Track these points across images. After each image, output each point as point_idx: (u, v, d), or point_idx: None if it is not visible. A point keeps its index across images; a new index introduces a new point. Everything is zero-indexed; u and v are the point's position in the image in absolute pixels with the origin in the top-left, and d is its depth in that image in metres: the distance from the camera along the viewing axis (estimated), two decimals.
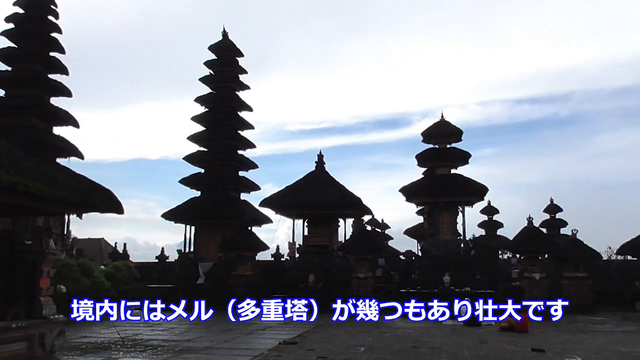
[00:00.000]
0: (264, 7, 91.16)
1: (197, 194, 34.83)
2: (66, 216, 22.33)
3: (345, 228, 32.76)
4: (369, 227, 38.44)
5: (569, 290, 27.91)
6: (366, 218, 36.99)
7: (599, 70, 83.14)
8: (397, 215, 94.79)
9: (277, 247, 36.45)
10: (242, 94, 36.58)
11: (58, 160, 26.43)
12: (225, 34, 36.22)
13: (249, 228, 30.35)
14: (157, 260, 35.19)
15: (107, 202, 10.05)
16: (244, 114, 36.45)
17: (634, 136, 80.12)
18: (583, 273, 28.08)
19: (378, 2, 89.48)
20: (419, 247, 34.47)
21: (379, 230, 41.66)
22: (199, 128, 35.60)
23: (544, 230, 35.11)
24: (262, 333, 17.56)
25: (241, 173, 35.75)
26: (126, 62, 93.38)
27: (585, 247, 28.60)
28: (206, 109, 35.82)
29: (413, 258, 33.69)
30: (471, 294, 22.99)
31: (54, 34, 27.37)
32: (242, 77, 36.71)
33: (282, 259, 34.96)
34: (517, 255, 28.40)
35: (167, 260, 34.95)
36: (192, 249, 33.44)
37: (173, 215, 33.48)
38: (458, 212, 29.13)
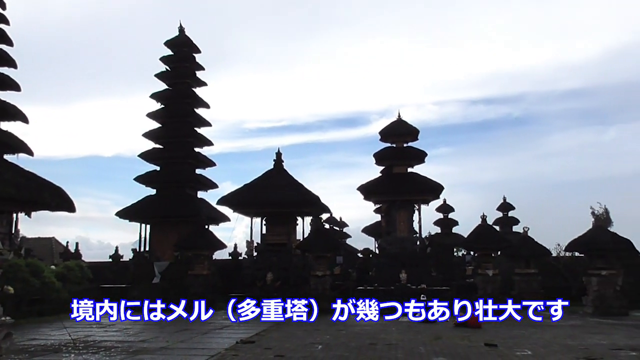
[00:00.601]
0: (221, 2, 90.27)
1: (153, 192, 34.19)
2: (14, 214, 21.58)
3: (303, 226, 32.79)
4: (327, 226, 38.60)
5: (520, 285, 28.72)
6: (324, 216, 37.07)
7: (551, 73, 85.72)
8: (356, 214, 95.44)
9: (235, 245, 36.26)
10: (199, 91, 36.09)
11: (5, 157, 25.46)
12: (181, 29, 35.64)
13: (206, 226, 30.01)
14: (111, 260, 34.40)
15: (58, 200, 9.77)
16: (201, 111, 35.99)
17: (582, 137, 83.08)
18: (533, 269, 28.95)
19: (337, 0, 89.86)
20: (377, 245, 34.84)
21: (338, 229, 41.88)
22: (154, 125, 34.96)
23: (497, 227, 36.02)
24: (219, 332, 17.41)
25: (198, 171, 35.27)
26: (80, 56, 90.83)
27: (536, 244, 29.48)
28: (162, 106, 35.18)
29: (371, 256, 34.00)
30: (426, 291, 23.37)
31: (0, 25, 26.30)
32: (199, 74, 36.22)
33: (240, 258, 34.72)
34: (471, 252, 29.03)
35: (121, 260, 34.19)
36: (147, 248, 32.82)
37: (128, 213, 32.75)
38: (414, 210, 29.54)
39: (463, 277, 29.29)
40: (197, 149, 35.30)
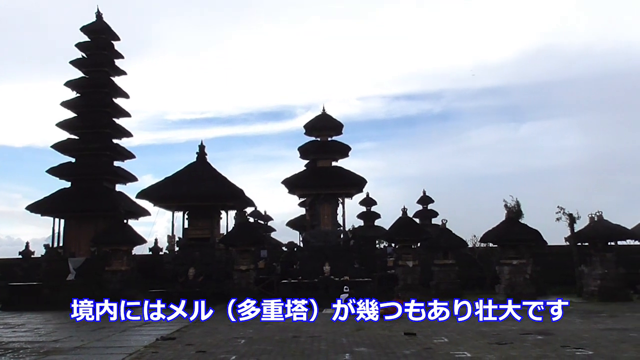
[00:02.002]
0: None
1: (68, 184, 32.54)
2: None
3: (227, 220, 32.44)
4: (251, 219, 38.42)
5: (438, 276, 29.91)
6: (249, 210, 36.84)
7: (469, 71, 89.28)
8: (281, 207, 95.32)
9: (156, 240, 35.33)
10: (118, 80, 34.72)
11: None
12: (99, 14, 34.08)
13: (125, 221, 28.98)
14: (20, 257, 32.54)
15: None
16: (119, 101, 34.63)
17: (497, 133, 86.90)
18: (451, 260, 30.20)
19: None
20: (301, 238, 35.03)
21: (262, 222, 41.74)
22: (69, 114, 33.24)
23: (417, 220, 37.19)
24: (138, 330, 16.88)
25: (116, 163, 33.95)
26: None
27: (454, 236, 30.76)
28: (78, 94, 33.54)
29: (295, 249, 34.15)
30: (349, 283, 23.76)
31: None
32: (118, 62, 34.83)
33: (161, 253, 33.86)
34: (393, 244, 29.77)
35: (32, 256, 32.43)
36: (61, 244, 31.25)
37: (40, 207, 31.00)
38: (338, 204, 29.93)
39: (384, 268, 29.99)
40: (115, 141, 33.96)
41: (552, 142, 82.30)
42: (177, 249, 29.82)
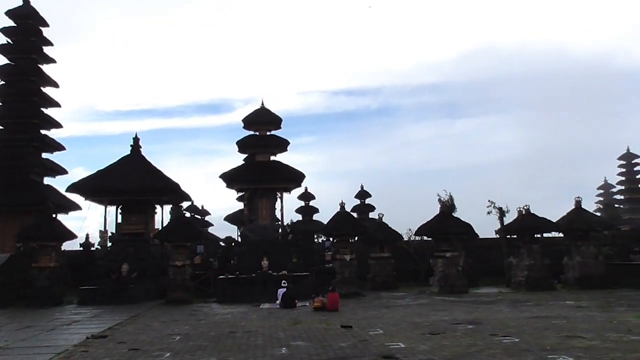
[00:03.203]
0: None
1: None
2: None
3: (162, 215, 31.71)
4: (187, 214, 37.79)
5: (375, 269, 30.43)
6: (185, 204, 36.24)
7: (406, 68, 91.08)
8: (218, 202, 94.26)
9: (87, 235, 34.13)
10: (46, 68, 33.19)
11: None
12: None
13: (54, 215, 27.75)
14: None
15: None
16: (48, 90, 33.12)
17: (433, 129, 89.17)
18: (387, 253, 30.78)
19: None
20: (239, 233, 34.73)
21: (199, 217, 41.13)
22: None
23: (355, 214, 37.68)
24: (67, 328, 16.25)
25: (45, 155, 32.49)
26: None
27: (390, 230, 31.35)
28: (3, 82, 31.82)
29: (233, 244, 33.82)
30: (287, 277, 23.78)
31: None
32: (46, 49, 33.28)
33: (92, 249, 32.74)
34: (331, 239, 30.03)
35: None
36: None
37: None
38: (277, 198, 29.83)
39: (322, 262, 30.24)
40: (43, 131, 32.47)
41: (486, 138, 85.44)
42: (109, 244, 28.90)
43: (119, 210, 29.46)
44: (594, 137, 76.42)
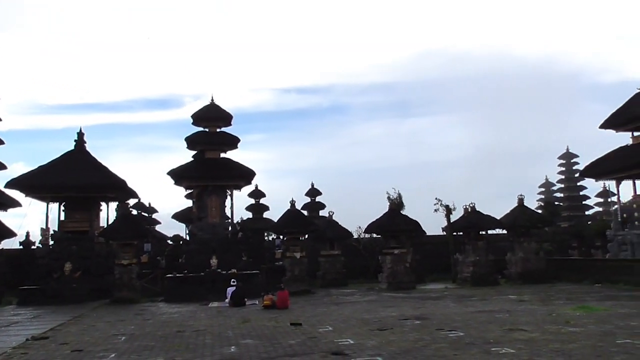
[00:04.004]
0: None
1: None
2: None
3: (108, 212, 30.86)
4: (134, 211, 36.88)
5: (325, 266, 30.62)
6: (132, 202, 35.36)
7: (358, 67, 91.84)
8: (167, 199, 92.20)
9: (28, 233, 32.78)
10: None
11: None
12: None
13: None
14: None
15: None
16: None
17: (382, 128, 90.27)
18: (337, 251, 31.04)
19: None
20: (188, 231, 34.20)
21: (146, 215, 40.21)
22: None
23: (306, 212, 37.72)
24: (5, 330, 15.61)
25: None
26: None
27: (340, 227, 31.63)
28: None
29: (181, 242, 33.29)
30: (237, 275, 23.59)
31: None
32: None
33: (33, 247, 31.51)
34: (281, 236, 30.00)
35: None
36: None
37: None
38: (227, 196, 29.53)
39: (273, 260, 30.16)
40: None
41: (435, 137, 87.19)
42: (51, 242, 27.91)
43: (62, 208, 28.51)
44: (536, 137, 79.24)
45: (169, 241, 37.81)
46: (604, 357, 8.97)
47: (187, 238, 32.51)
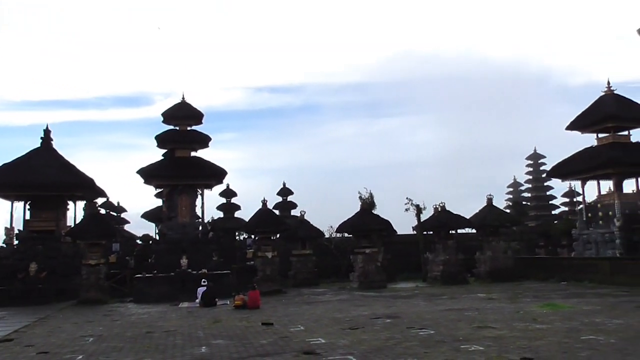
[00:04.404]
0: None
1: None
2: None
3: (75, 211, 30.26)
4: (102, 211, 36.25)
5: (296, 266, 30.59)
6: (100, 201, 34.76)
7: (330, 67, 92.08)
8: (136, 198, 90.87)
9: None
10: None
11: None
12: None
13: None
14: None
15: None
16: None
17: (354, 128, 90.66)
18: (309, 250, 31.04)
19: None
20: (157, 231, 33.78)
21: (115, 214, 39.57)
22: None
23: (277, 212, 37.63)
24: None
25: None
26: None
27: (312, 227, 31.63)
28: None
29: (150, 242, 32.86)
30: (208, 275, 23.40)
31: None
32: None
33: None
34: (253, 236, 29.85)
35: None
36: None
37: None
38: (197, 195, 29.25)
39: (244, 260, 29.96)
40: None
41: (406, 137, 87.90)
42: (16, 242, 27.22)
43: (27, 206, 27.85)
44: (505, 137, 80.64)
45: (138, 241, 37.29)
46: (569, 353, 9.17)
47: (157, 238, 32.11)
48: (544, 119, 79.25)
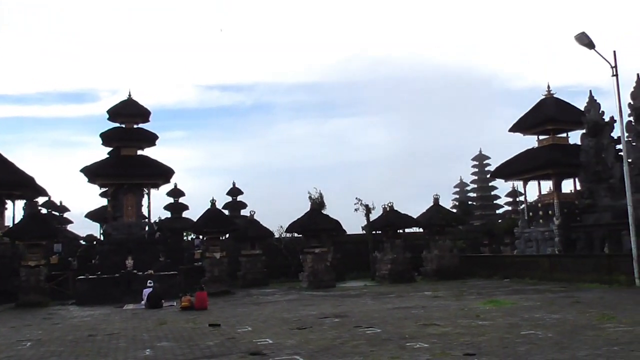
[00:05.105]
0: None
1: None
2: None
3: (14, 211, 29.10)
4: (44, 210, 35.02)
5: (246, 266, 30.37)
6: (41, 200, 33.57)
7: (279, 67, 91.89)
8: (80, 198, 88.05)
9: None
10: None
11: None
12: None
13: None
14: None
15: None
16: None
17: (305, 127, 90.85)
18: (258, 250, 30.85)
19: None
20: (102, 231, 32.90)
21: (57, 214, 38.30)
22: None
23: (227, 212, 37.25)
24: None
25: None
26: None
27: (261, 227, 31.45)
28: None
29: (95, 242, 31.97)
30: (154, 276, 22.93)
31: None
32: None
33: None
34: (201, 236, 29.45)
35: None
36: None
37: None
38: (143, 194, 28.63)
39: (192, 260, 29.55)
40: None
41: (357, 137, 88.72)
42: None
43: None
44: (453, 139, 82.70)
45: (81, 241, 36.27)
46: (509, 347, 9.45)
47: (102, 238, 31.25)
48: (490, 121, 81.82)
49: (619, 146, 25.02)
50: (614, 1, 79.38)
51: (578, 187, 28.88)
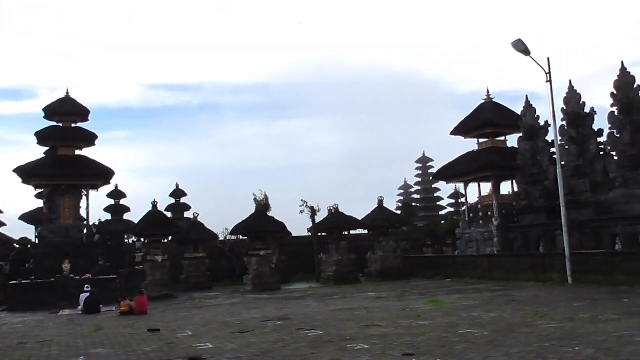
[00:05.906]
0: None
1: None
2: None
3: None
4: None
5: (189, 269, 29.82)
6: None
7: (226, 67, 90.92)
8: (14, 199, 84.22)
9: None
10: None
11: None
12: None
13: None
14: None
15: None
16: None
17: (253, 129, 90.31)
18: (202, 253, 30.37)
19: None
20: (37, 234, 31.57)
21: None
22: None
23: (170, 214, 36.52)
24: None
25: None
26: None
27: (205, 229, 30.99)
28: None
29: (29, 246, 30.66)
30: (92, 281, 22.18)
31: None
32: None
33: None
34: (142, 239, 28.73)
35: None
36: None
37: None
38: (82, 196, 27.60)
39: (133, 264, 28.78)
40: None
41: (304, 139, 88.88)
42: None
43: None
44: (399, 141, 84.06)
45: (15, 245, 34.74)
46: (447, 346, 9.63)
47: (37, 241, 29.96)
48: (434, 124, 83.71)
49: (553, 149, 26.05)
50: (551, 10, 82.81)
51: (516, 189, 29.89)
